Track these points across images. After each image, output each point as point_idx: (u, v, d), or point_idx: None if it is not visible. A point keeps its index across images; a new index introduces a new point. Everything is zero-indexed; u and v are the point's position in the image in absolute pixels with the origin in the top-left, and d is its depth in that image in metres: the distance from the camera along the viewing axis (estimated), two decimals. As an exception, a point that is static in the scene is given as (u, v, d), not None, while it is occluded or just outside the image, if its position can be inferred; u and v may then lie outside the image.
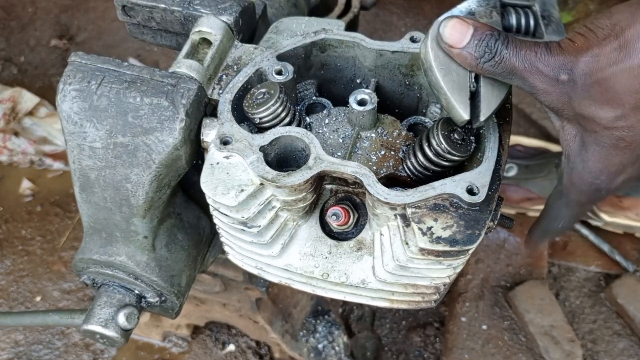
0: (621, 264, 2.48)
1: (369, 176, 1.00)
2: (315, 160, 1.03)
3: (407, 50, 1.16)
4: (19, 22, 3.38)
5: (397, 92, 1.24)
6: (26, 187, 2.86)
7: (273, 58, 1.16)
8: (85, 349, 2.50)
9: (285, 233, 1.14)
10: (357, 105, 1.10)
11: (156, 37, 1.34)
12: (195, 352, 2.50)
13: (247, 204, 1.05)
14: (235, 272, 1.90)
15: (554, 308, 2.35)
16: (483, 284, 2.44)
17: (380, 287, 1.12)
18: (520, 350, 2.29)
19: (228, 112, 1.10)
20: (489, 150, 1.03)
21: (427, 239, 0.96)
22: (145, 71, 1.11)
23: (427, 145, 1.03)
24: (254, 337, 2.46)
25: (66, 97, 1.10)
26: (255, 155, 1.05)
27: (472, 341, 2.32)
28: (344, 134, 1.13)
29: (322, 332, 2.40)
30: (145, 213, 1.18)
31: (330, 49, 1.21)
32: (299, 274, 1.16)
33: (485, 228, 0.98)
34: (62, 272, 2.66)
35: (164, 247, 1.28)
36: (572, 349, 2.25)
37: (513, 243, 2.53)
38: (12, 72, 3.21)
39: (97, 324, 1.28)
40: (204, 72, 1.14)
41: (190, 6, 1.23)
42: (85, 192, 1.18)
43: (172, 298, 1.33)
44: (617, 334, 2.38)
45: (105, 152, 1.11)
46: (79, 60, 1.13)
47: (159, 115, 1.07)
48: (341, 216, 1.08)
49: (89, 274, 1.33)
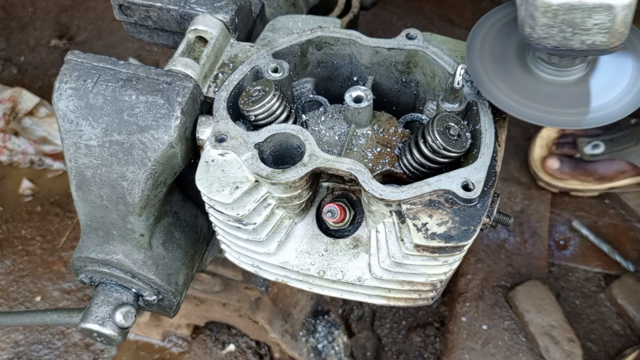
0: (621, 264, 2.47)
1: (364, 173, 1.00)
2: (310, 157, 1.03)
3: (403, 48, 1.16)
4: (19, 22, 3.38)
5: (394, 90, 1.24)
6: (26, 187, 2.86)
7: (269, 56, 1.17)
8: (85, 349, 2.50)
9: (281, 230, 1.14)
10: (352, 102, 1.10)
11: (153, 36, 1.34)
12: (195, 352, 2.50)
13: (242, 201, 1.05)
14: (235, 272, 1.90)
15: (554, 308, 2.34)
16: (483, 284, 2.43)
17: (377, 284, 1.12)
18: (521, 350, 2.28)
19: (223, 109, 1.10)
20: (485, 146, 1.03)
21: (422, 235, 0.96)
22: (141, 69, 1.11)
23: (423, 142, 1.03)
24: (254, 337, 2.46)
25: (62, 95, 1.10)
26: (250, 152, 1.05)
27: (472, 341, 2.31)
28: (340, 131, 1.13)
29: (322, 332, 2.40)
30: (141, 211, 1.18)
31: (327, 46, 1.21)
32: (296, 272, 1.16)
33: (480, 224, 0.97)
34: (62, 272, 2.66)
35: (161, 246, 1.29)
36: (572, 349, 2.25)
37: (513, 243, 2.53)
38: (12, 72, 3.22)
39: (94, 323, 1.28)
40: (200, 70, 1.14)
41: (186, 5, 1.24)
42: (81, 190, 1.18)
43: (170, 296, 1.33)
44: (617, 334, 2.37)
45: (101, 150, 1.11)
46: (75, 59, 1.13)
47: (154, 113, 1.07)
48: (337, 213, 1.08)
49: (86, 273, 1.33)
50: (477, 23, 1.16)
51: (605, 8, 0.90)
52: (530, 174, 2.65)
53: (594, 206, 2.62)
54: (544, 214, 2.58)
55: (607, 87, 1.07)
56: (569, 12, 0.92)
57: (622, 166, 2.49)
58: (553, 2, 0.92)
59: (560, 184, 2.56)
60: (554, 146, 2.56)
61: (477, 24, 1.16)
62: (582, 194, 2.60)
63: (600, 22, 0.92)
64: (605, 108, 1.06)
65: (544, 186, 2.60)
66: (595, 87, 1.08)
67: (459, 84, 1.02)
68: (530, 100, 1.07)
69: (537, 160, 2.58)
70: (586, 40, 0.95)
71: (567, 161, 2.53)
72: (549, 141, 2.58)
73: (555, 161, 2.51)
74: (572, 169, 2.52)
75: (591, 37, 0.95)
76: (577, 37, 0.95)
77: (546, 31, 0.96)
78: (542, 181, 2.58)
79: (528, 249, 2.51)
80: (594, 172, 2.52)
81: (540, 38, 0.97)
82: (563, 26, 0.94)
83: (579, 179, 2.54)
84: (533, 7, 0.94)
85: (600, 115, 1.05)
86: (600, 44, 0.95)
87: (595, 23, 0.92)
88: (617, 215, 2.60)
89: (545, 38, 0.97)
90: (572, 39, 0.95)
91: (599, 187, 2.56)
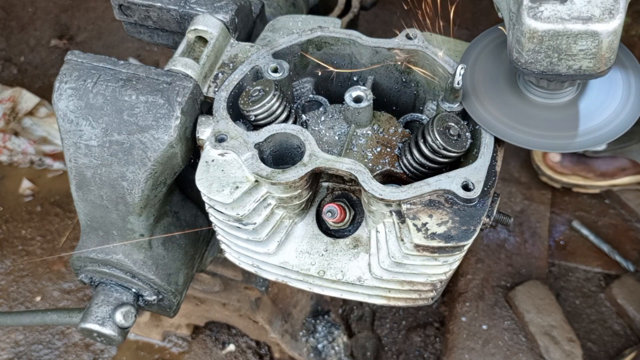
0: (621, 264, 2.48)
1: (364, 173, 1.00)
2: (310, 157, 1.02)
3: (403, 48, 1.16)
4: (19, 22, 3.38)
5: (394, 90, 1.24)
6: (26, 187, 2.86)
7: (269, 56, 1.16)
8: (85, 349, 2.50)
9: (281, 230, 1.14)
10: (352, 102, 1.09)
11: (153, 36, 1.34)
12: (195, 352, 2.50)
13: (242, 201, 1.05)
14: (235, 272, 1.90)
15: (554, 308, 2.34)
16: (483, 284, 2.43)
17: (377, 284, 1.12)
18: (521, 350, 2.28)
19: (223, 109, 1.10)
20: (485, 146, 1.03)
21: (422, 235, 0.96)
22: (141, 69, 1.11)
23: (423, 142, 1.03)
24: (254, 337, 2.46)
25: (62, 95, 1.10)
26: (250, 152, 1.05)
27: (472, 341, 2.31)
28: (340, 131, 1.13)
29: (322, 332, 2.40)
30: (141, 211, 1.18)
31: (327, 46, 1.21)
32: (296, 272, 1.16)
33: (480, 224, 0.97)
34: (62, 272, 2.66)
35: (161, 246, 1.28)
36: (572, 349, 2.25)
37: (513, 243, 2.53)
38: (12, 72, 3.22)
39: (94, 323, 1.28)
40: (200, 70, 1.14)
41: (186, 5, 1.23)
42: (81, 190, 1.18)
43: (170, 296, 1.33)
44: (617, 334, 2.37)
45: (101, 150, 1.11)
46: (75, 59, 1.13)
47: (154, 113, 1.07)
48: (337, 213, 1.08)
49: (86, 273, 1.33)
50: (471, 43, 1.18)
51: (590, 34, 0.92)
52: (530, 174, 2.65)
53: (594, 206, 2.62)
54: (544, 214, 2.58)
55: (597, 110, 1.08)
56: (555, 38, 0.93)
57: (624, 163, 2.50)
58: (539, 28, 0.93)
59: (563, 178, 2.57)
60: None
61: (471, 44, 1.18)
62: (583, 190, 2.60)
63: (586, 48, 0.94)
64: (593, 131, 1.06)
65: (547, 181, 2.60)
66: (584, 110, 1.09)
67: (459, 84, 1.02)
68: (519, 124, 1.07)
69: (539, 154, 2.59)
70: (572, 66, 0.97)
71: (569, 155, 2.54)
72: None
73: (556, 154, 2.53)
74: (573, 163, 2.54)
75: (577, 63, 0.96)
76: (564, 63, 0.96)
77: (533, 56, 0.97)
78: (544, 175, 2.59)
79: (528, 249, 2.51)
80: (595, 168, 2.53)
81: (528, 63, 0.98)
82: (549, 52, 0.95)
83: (581, 175, 2.55)
84: (519, 33, 0.95)
85: (587, 139, 1.06)
86: (587, 69, 0.97)
87: (581, 49, 0.94)
88: (617, 215, 2.60)
89: (532, 63, 0.98)
90: (559, 64, 0.97)
91: (601, 183, 2.57)
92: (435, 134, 1.01)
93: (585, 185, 2.59)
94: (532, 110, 1.09)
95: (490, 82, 1.12)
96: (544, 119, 1.08)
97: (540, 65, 0.97)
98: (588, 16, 0.91)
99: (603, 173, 2.54)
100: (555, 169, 2.56)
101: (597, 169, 2.53)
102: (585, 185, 2.59)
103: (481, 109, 1.08)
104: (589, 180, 2.56)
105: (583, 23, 0.91)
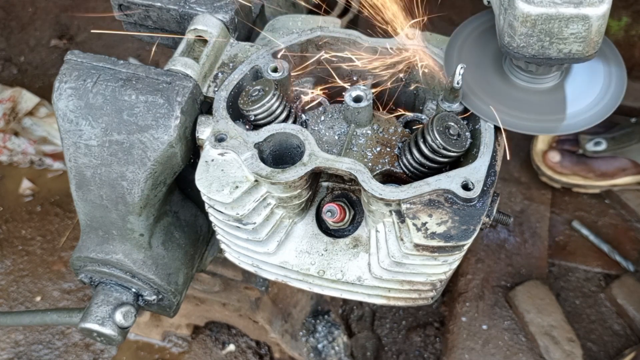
0: (621, 264, 2.47)
1: (364, 172, 1.00)
2: (309, 157, 1.03)
3: (403, 47, 1.16)
4: (19, 22, 3.38)
5: (394, 89, 1.24)
6: (26, 187, 2.86)
7: (269, 55, 1.17)
8: (85, 349, 2.50)
9: (281, 230, 1.14)
10: (352, 102, 1.09)
11: (153, 36, 1.34)
12: (195, 352, 2.50)
13: (241, 200, 1.05)
14: (235, 272, 1.90)
15: (554, 308, 2.34)
16: (483, 284, 2.43)
17: (377, 284, 1.12)
18: (521, 350, 2.28)
19: (223, 109, 1.10)
20: (485, 146, 1.03)
21: (421, 235, 0.96)
22: (140, 69, 1.11)
23: (423, 141, 1.03)
24: (254, 337, 2.45)
25: (62, 95, 1.10)
26: (250, 152, 1.05)
27: (472, 341, 2.31)
28: (340, 131, 1.13)
29: (322, 332, 2.40)
30: (141, 211, 1.18)
31: (327, 46, 1.21)
32: (295, 272, 1.16)
33: (480, 224, 0.97)
34: (62, 272, 2.66)
35: (161, 245, 1.28)
36: (572, 349, 2.24)
37: (513, 243, 2.53)
38: (12, 72, 3.22)
39: (94, 322, 1.28)
40: (200, 69, 1.14)
41: (186, 4, 1.23)
42: (81, 190, 1.18)
43: (170, 296, 1.33)
44: (617, 334, 2.37)
45: (101, 150, 1.11)
46: (75, 59, 1.13)
47: (154, 113, 1.07)
48: (336, 213, 1.08)
49: (86, 273, 1.33)
50: (454, 32, 1.20)
51: (581, 18, 0.94)
52: (530, 174, 2.65)
53: (594, 206, 2.62)
54: (544, 214, 2.58)
55: (582, 93, 1.11)
56: (547, 22, 0.95)
57: (624, 163, 2.50)
58: (532, 12, 0.95)
59: (563, 178, 2.57)
60: (555, 142, 2.58)
61: (454, 33, 1.20)
62: (584, 190, 2.60)
63: (577, 32, 0.96)
64: (581, 114, 1.09)
65: (547, 181, 2.60)
66: (570, 94, 1.11)
67: (459, 84, 1.02)
68: (508, 107, 1.09)
69: (539, 154, 2.59)
70: (563, 49, 0.99)
71: (569, 155, 2.54)
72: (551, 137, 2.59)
73: (556, 154, 2.53)
74: (573, 163, 2.53)
75: (568, 46, 0.98)
76: (555, 46, 0.99)
77: (525, 40, 0.99)
78: (544, 176, 2.59)
79: (528, 249, 2.51)
80: (595, 168, 2.53)
81: (519, 47, 1.00)
82: (541, 35, 0.97)
83: (581, 175, 2.55)
84: (512, 17, 0.97)
85: (575, 121, 1.08)
86: (577, 52, 0.99)
87: (572, 32, 0.96)
88: (617, 215, 2.60)
89: (524, 47, 1.00)
90: (550, 47, 0.99)
91: (601, 183, 2.57)
92: (435, 134, 1.01)
93: (585, 185, 2.58)
94: (519, 95, 1.12)
95: (477, 70, 1.14)
96: (532, 102, 1.11)
97: (531, 49, 0.99)
98: (579, 0, 0.93)
99: (603, 173, 2.54)
100: (555, 169, 2.55)
101: (597, 169, 2.53)
102: (585, 185, 2.58)
103: (471, 95, 1.10)
104: (589, 180, 2.56)
105: (575, 7, 0.94)
